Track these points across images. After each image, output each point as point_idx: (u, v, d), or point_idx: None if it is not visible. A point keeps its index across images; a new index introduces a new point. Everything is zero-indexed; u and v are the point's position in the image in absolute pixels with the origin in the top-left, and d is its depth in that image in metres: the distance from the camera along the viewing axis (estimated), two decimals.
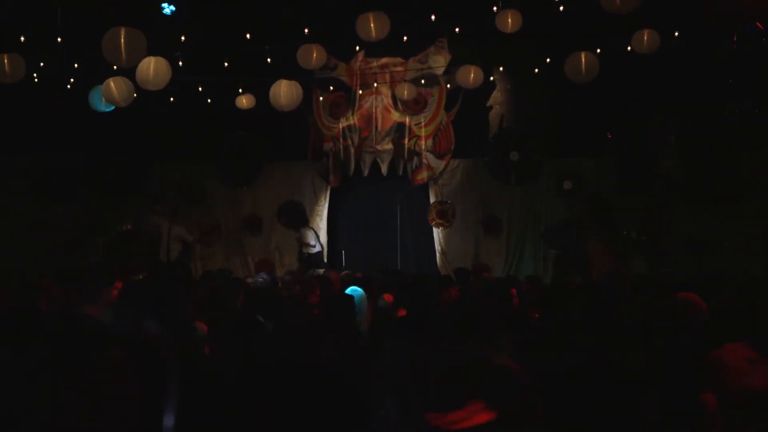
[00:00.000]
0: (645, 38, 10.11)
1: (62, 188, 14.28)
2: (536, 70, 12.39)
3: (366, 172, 14.67)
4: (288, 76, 11.22)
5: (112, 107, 10.63)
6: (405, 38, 11.56)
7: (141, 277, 12.74)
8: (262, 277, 10.30)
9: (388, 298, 7.54)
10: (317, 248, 14.46)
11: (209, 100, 13.32)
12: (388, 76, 14.28)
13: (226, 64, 12.20)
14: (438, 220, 14.50)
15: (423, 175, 14.58)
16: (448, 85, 14.07)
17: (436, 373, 3.59)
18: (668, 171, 13.34)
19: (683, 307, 5.05)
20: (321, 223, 14.95)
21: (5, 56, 9.99)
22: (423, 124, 14.37)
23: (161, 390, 2.32)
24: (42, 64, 11.53)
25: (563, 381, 3.68)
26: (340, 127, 14.54)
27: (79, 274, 5.30)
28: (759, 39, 11.87)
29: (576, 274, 11.30)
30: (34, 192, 14.26)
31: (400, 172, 14.59)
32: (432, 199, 14.66)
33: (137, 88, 10.02)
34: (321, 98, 14.66)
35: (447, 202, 14.53)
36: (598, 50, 10.36)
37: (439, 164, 14.51)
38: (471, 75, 12.08)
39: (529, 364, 3.58)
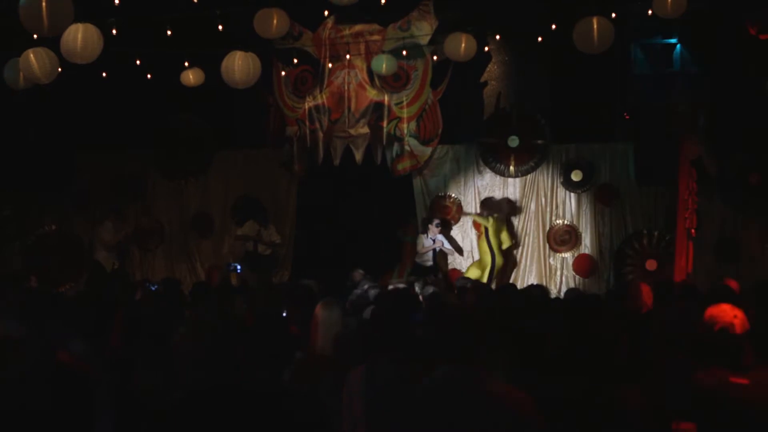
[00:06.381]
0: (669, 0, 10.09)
1: None
2: (539, 39, 12.39)
3: (337, 161, 14.61)
4: (244, 47, 11.17)
5: None
6: (383, 0, 11.52)
7: (67, 287, 12.68)
8: None
9: None
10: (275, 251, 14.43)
11: (149, 76, 13.22)
12: (362, 47, 14.24)
13: (169, 32, 12.10)
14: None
15: (405, 165, 14.56)
16: (435, 57, 14.05)
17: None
18: (697, 158, 13.36)
19: None
20: (287, 223, 14.89)
21: None
22: (405, 103, 14.31)
23: (87, 418, 2.29)
24: None
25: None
26: (306, 107, 14.46)
27: None
28: None
29: None
30: None
31: (378, 161, 14.57)
32: (417, 191, 14.61)
33: (62, 61, 9.93)
34: (283, 73, 14.60)
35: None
36: (614, 15, 10.36)
37: (425, 151, 14.49)
38: (462, 45, 12.08)
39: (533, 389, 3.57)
